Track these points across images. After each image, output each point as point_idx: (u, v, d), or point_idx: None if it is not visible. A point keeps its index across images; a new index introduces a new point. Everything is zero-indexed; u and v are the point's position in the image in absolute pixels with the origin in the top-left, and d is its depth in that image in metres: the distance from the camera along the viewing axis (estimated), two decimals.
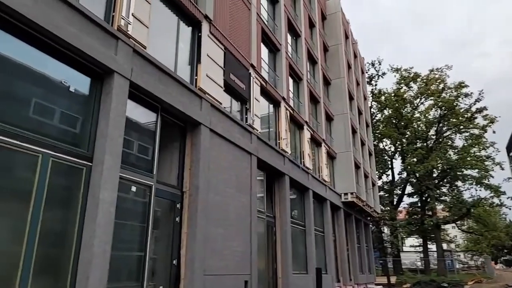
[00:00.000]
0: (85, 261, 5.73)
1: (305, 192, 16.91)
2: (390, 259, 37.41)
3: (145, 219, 7.57)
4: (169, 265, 8.25)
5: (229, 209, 10.09)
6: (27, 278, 5.12)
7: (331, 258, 18.56)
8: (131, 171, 7.33)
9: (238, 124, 11.38)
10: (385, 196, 40.24)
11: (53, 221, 5.66)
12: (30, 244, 5.20)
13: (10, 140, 5.15)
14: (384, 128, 39.98)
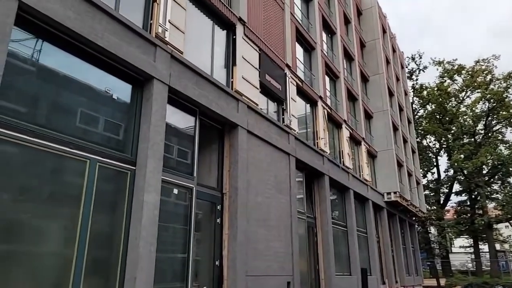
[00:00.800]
0: (132, 262, 5.94)
1: (346, 192, 16.58)
2: (439, 260, 35.79)
3: (187, 221, 7.74)
4: (212, 266, 8.37)
5: (270, 210, 10.09)
6: (79, 279, 5.37)
7: (375, 259, 18.07)
8: (173, 174, 7.52)
9: (275, 124, 11.37)
10: (430, 195, 38.67)
11: (102, 223, 5.92)
12: (81, 247, 5.46)
13: (61, 147, 5.45)
14: (428, 124, 38.43)
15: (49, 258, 5.19)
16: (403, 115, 28.61)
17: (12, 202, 4.78)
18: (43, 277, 5.06)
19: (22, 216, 4.87)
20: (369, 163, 20.85)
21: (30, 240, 4.97)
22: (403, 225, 24.80)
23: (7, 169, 4.84)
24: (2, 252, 4.67)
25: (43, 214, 5.13)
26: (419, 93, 39.74)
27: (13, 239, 4.79)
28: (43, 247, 5.16)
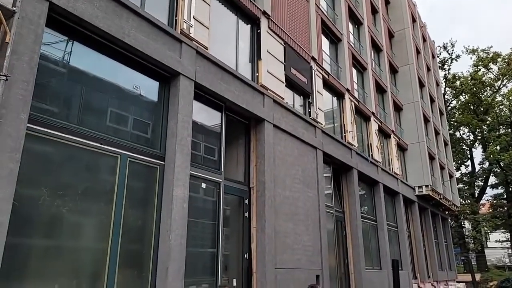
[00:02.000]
0: (164, 254, 6.09)
1: (375, 186, 16.26)
2: (473, 255, 34.57)
3: (215, 215, 7.84)
4: (240, 259, 8.44)
5: (298, 204, 10.05)
6: (114, 271, 5.55)
7: (407, 254, 17.64)
8: (201, 168, 7.63)
9: (302, 118, 11.28)
10: (464, 189, 37.33)
11: (134, 217, 6.08)
12: (115, 240, 5.63)
13: (93, 143, 5.63)
14: (461, 115, 37.06)
15: (85, 251, 5.38)
16: (434, 107, 27.70)
17: (50, 198, 4.98)
18: (80, 268, 5.25)
19: (60, 211, 5.07)
20: (399, 156, 20.33)
21: (68, 234, 5.17)
22: (436, 220, 24.08)
23: (45, 166, 5.05)
24: (44, 246, 4.88)
25: (78, 209, 5.32)
26: (451, 83, 38.36)
27: (53, 234, 5.00)
28: (79, 240, 5.36)
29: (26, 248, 4.71)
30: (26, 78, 4.57)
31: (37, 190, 4.88)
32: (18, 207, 4.48)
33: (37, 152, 5.00)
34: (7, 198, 4.16)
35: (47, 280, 4.83)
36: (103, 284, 5.43)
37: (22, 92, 4.50)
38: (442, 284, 21.74)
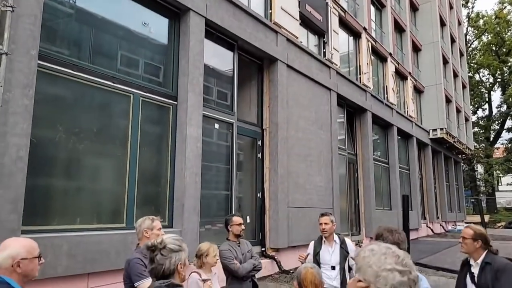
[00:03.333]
0: (180, 191, 6.25)
1: (389, 129, 16.09)
2: (484, 198, 34.91)
3: (229, 156, 7.92)
4: (254, 198, 8.66)
5: (310, 145, 10.05)
6: (132, 209, 5.74)
7: (417, 196, 17.89)
8: (213, 109, 7.58)
9: (316, 58, 10.91)
10: (480, 133, 36.79)
11: (148, 156, 6.17)
12: (131, 176, 5.76)
13: (105, 81, 5.57)
14: (482, 56, 35.48)
15: (104, 184, 5.54)
16: (454, 47, 26.49)
17: (66, 135, 5.04)
18: (101, 207, 5.44)
19: (77, 149, 5.15)
20: (414, 99, 19.89)
21: (85, 172, 5.30)
22: (448, 163, 24.04)
23: (59, 104, 5.06)
24: (62, 183, 5.03)
25: (94, 147, 5.39)
26: (474, 22, 36.33)
27: (70, 171, 5.12)
28: (98, 177, 5.50)
29: (45, 185, 4.86)
30: (33, 12, 4.42)
31: (53, 128, 4.93)
32: (35, 144, 4.56)
33: (50, 90, 4.98)
34: (24, 134, 4.22)
35: (68, 216, 5.03)
36: (123, 220, 5.65)
37: (30, 27, 4.38)
38: (451, 225, 22.24)
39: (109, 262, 5.00)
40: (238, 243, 3.81)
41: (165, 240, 1.64)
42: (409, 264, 1.28)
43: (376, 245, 1.34)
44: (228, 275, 3.62)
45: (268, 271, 7.87)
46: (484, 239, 2.99)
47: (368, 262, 1.30)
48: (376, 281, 1.26)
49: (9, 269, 1.87)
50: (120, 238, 5.19)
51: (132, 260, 2.83)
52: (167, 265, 1.60)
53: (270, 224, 8.50)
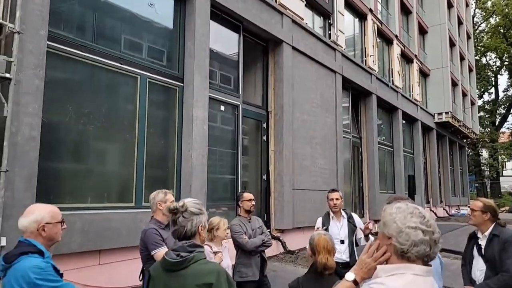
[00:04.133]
0: (187, 172, 6.37)
1: (394, 112, 16.09)
2: (488, 182, 34.99)
3: (234, 139, 8.02)
4: (259, 180, 8.78)
5: (315, 128, 10.11)
6: (141, 189, 5.86)
7: (421, 180, 17.98)
8: (219, 91, 7.65)
9: (321, 41, 10.88)
10: (485, 117, 36.64)
11: (156, 137, 6.27)
12: (140, 156, 5.87)
13: (112, 62, 5.63)
14: (489, 39, 35.01)
15: (113, 162, 5.67)
16: (462, 30, 26.17)
17: (76, 116, 5.13)
18: (110, 187, 5.57)
19: (87, 129, 5.26)
20: (420, 82, 19.80)
21: (95, 151, 5.42)
22: (453, 147, 24.05)
23: (68, 84, 5.14)
24: (73, 166, 5.15)
25: (104, 127, 5.49)
26: (482, 4, 35.73)
27: (81, 151, 5.23)
28: (107, 156, 5.62)
29: (57, 165, 4.98)
30: None
31: (63, 109, 5.02)
32: (47, 125, 4.66)
33: (59, 71, 5.06)
34: (36, 113, 4.31)
35: (80, 195, 5.16)
36: (132, 199, 5.78)
37: (39, 7, 4.43)
38: (454, 209, 22.39)
39: (120, 240, 5.16)
40: (249, 219, 3.92)
41: (187, 203, 1.72)
42: (433, 225, 1.35)
43: (404, 204, 1.41)
44: (237, 249, 3.75)
45: (273, 252, 8.05)
46: (493, 212, 3.04)
47: (394, 218, 1.37)
48: (399, 236, 1.34)
49: (34, 233, 1.99)
50: (130, 216, 5.34)
51: (148, 230, 2.98)
52: (189, 227, 1.68)
53: (275, 205, 8.64)
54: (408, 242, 1.31)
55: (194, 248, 1.64)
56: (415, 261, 1.32)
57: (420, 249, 1.31)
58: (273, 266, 7.28)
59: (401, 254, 1.33)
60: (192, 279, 1.55)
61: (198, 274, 1.56)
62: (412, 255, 1.31)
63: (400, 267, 1.32)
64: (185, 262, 1.59)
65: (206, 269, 1.59)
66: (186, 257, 1.60)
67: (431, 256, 1.34)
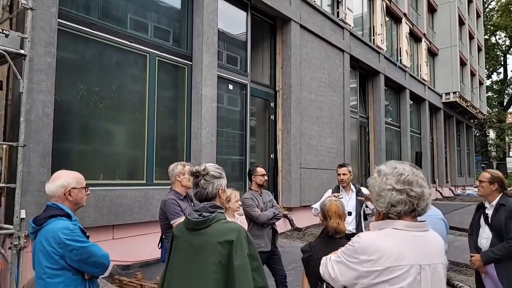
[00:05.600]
0: (196, 150, 6.42)
1: (401, 92, 15.95)
2: (494, 163, 34.83)
3: (243, 118, 8.02)
4: (267, 159, 8.83)
5: (323, 107, 10.07)
6: (152, 167, 5.94)
7: (427, 160, 17.92)
8: (228, 70, 7.62)
9: (329, 19, 10.71)
10: (493, 97, 36.18)
11: (165, 115, 6.29)
12: (150, 133, 5.92)
13: (122, 40, 5.62)
14: (500, 18, 34.20)
15: (124, 140, 5.73)
16: (471, 8, 25.58)
17: (87, 93, 5.16)
18: (122, 164, 5.64)
19: (98, 106, 5.29)
20: (428, 62, 19.51)
21: (107, 128, 5.46)
22: (460, 127, 23.86)
23: (79, 62, 5.15)
24: (85, 144, 5.21)
25: (114, 104, 5.52)
26: None
27: (93, 128, 5.28)
28: (118, 133, 5.67)
29: (69, 142, 5.04)
30: None
31: (74, 86, 5.05)
32: (59, 102, 4.69)
33: (70, 49, 5.06)
34: (49, 91, 4.35)
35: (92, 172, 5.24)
36: (143, 177, 5.86)
37: None
38: (460, 189, 22.40)
39: (132, 216, 5.27)
40: (260, 193, 4.00)
41: (208, 167, 1.78)
42: (414, 181, 1.36)
43: (384, 165, 1.46)
44: (249, 221, 3.83)
45: (281, 229, 8.15)
46: (501, 182, 3.10)
47: (373, 184, 1.44)
48: (377, 199, 1.41)
49: (61, 197, 2.09)
50: (141, 193, 5.42)
51: (168, 200, 3.07)
52: (210, 189, 1.74)
53: (282, 184, 8.71)
54: (384, 204, 1.37)
55: (215, 209, 1.70)
56: (401, 218, 1.37)
57: (398, 208, 1.35)
58: (281, 243, 7.38)
59: (385, 215, 1.40)
60: (214, 237, 1.61)
61: (220, 232, 1.61)
62: (393, 215, 1.37)
63: (384, 223, 1.40)
64: (207, 221, 1.64)
65: (227, 227, 1.65)
66: (208, 217, 1.65)
67: (418, 211, 1.37)
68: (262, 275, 1.64)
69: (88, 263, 1.98)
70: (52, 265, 1.92)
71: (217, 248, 1.57)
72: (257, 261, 1.64)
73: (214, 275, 1.55)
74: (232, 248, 1.56)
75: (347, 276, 1.38)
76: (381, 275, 1.30)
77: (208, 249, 1.59)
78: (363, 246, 1.35)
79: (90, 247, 1.99)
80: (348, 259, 1.38)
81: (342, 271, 1.41)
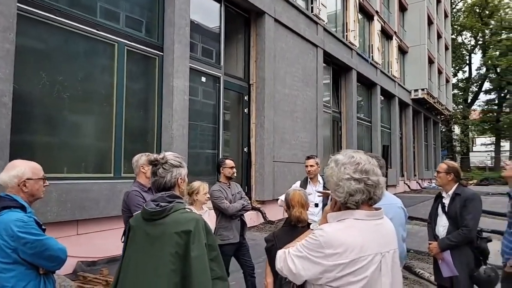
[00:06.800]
0: (167, 143, 6.21)
1: (373, 88, 16.15)
2: (459, 157, 36.10)
3: (215, 110, 7.85)
4: (240, 153, 8.70)
5: (296, 102, 10.02)
6: (120, 159, 5.68)
7: (396, 154, 18.31)
8: (200, 62, 7.41)
9: (304, 13, 10.63)
10: (459, 94, 37.37)
11: (135, 108, 6.05)
12: (118, 124, 5.66)
13: (89, 28, 5.31)
14: (466, 18, 35.25)
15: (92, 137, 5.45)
16: (440, 8, 26.19)
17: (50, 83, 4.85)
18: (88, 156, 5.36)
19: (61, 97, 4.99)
20: (399, 59, 19.85)
21: (71, 119, 5.17)
22: (427, 123, 24.52)
23: (41, 50, 4.83)
24: (48, 135, 4.91)
25: (80, 95, 5.23)
26: None
27: (54, 119, 4.98)
28: (83, 125, 5.39)
29: (30, 134, 4.73)
30: None
31: (36, 75, 4.73)
32: (19, 91, 4.38)
33: (32, 35, 4.73)
34: (7, 79, 4.04)
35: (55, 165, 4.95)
36: (110, 169, 5.60)
37: None
38: (426, 182, 23.05)
39: (98, 210, 5.03)
40: (229, 185, 3.91)
41: (167, 155, 1.72)
42: (370, 170, 1.37)
43: (341, 155, 1.44)
44: (218, 213, 3.74)
45: (253, 222, 8.07)
46: (456, 172, 3.16)
47: (331, 174, 1.41)
48: (336, 189, 1.38)
49: (15, 188, 1.96)
50: (109, 187, 5.19)
51: (130, 192, 2.93)
52: (168, 178, 1.68)
53: (256, 177, 8.62)
54: (343, 194, 1.36)
55: (173, 199, 1.64)
56: (359, 207, 1.37)
57: (357, 198, 1.35)
58: (253, 236, 7.30)
59: (343, 205, 1.39)
60: (171, 227, 1.56)
61: (177, 222, 1.57)
62: (351, 204, 1.37)
63: (344, 213, 1.39)
64: (165, 211, 1.59)
65: (185, 217, 1.59)
66: (165, 207, 1.60)
67: (374, 199, 1.38)
68: (220, 265, 1.61)
69: (43, 257, 1.87)
70: (4, 259, 1.81)
71: (174, 238, 1.53)
72: (215, 251, 1.61)
73: (171, 265, 1.52)
74: (190, 238, 1.53)
75: (311, 271, 1.34)
76: (346, 268, 1.30)
77: (165, 239, 1.55)
78: (327, 240, 1.31)
79: (46, 240, 1.88)
80: (312, 254, 1.34)
81: (305, 266, 1.36)
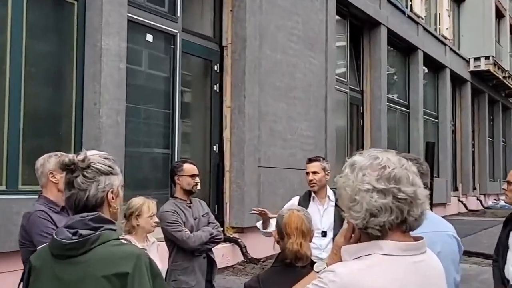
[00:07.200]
0: (91, 137, 6.16)
1: (412, 55, 16.39)
2: None
3: (168, 86, 7.85)
4: (207, 153, 8.70)
5: (295, 73, 10.08)
6: (17, 166, 5.66)
7: (447, 156, 18.60)
8: (145, 10, 7.42)
9: None
10: None
11: (39, 81, 6.04)
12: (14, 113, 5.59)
13: None
14: None
15: None
16: None
17: None
18: None
19: None
20: (451, 11, 20.14)
21: None
22: (494, 109, 24.95)
23: None
24: None
25: None
26: None
27: None
28: None
29: None
30: None
31: None
32: None
33: None
34: None
35: None
36: (1, 180, 5.56)
37: None
38: (492, 199, 23.37)
39: None
40: (189, 202, 3.91)
41: (91, 156, 1.65)
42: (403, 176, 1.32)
43: (360, 155, 1.39)
44: (172, 246, 3.74)
45: (228, 261, 8.11)
46: None
47: (344, 184, 1.37)
48: (350, 207, 1.34)
49: None
50: None
51: (33, 213, 2.91)
52: (93, 191, 1.63)
53: (231, 191, 8.65)
54: (361, 214, 1.31)
55: (100, 224, 1.59)
56: (386, 235, 1.32)
57: (382, 219, 1.30)
58: (229, 281, 7.34)
59: (363, 231, 1.35)
60: (97, 268, 1.53)
61: (107, 260, 1.54)
62: (374, 230, 1.31)
63: (366, 247, 1.35)
64: (87, 243, 1.55)
65: (120, 252, 1.57)
66: (87, 237, 1.55)
67: (410, 223, 1.34)
68: None
69: None
70: None
71: (102, 284, 1.51)
72: None
73: None
74: (127, 285, 1.50)
75: None
76: None
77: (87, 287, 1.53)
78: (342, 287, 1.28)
79: None
80: None
81: None
